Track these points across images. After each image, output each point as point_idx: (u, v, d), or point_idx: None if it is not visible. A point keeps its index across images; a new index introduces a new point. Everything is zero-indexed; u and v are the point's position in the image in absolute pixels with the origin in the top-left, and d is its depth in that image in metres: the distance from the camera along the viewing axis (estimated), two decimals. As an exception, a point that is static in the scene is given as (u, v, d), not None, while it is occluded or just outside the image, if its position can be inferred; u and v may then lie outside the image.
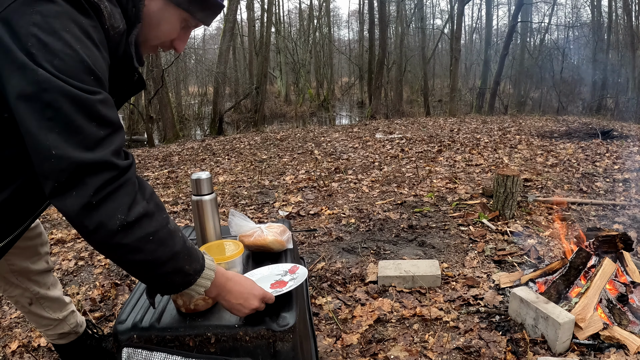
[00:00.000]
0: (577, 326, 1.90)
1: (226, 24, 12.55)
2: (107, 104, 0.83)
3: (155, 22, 0.97)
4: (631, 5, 16.15)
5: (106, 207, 0.79)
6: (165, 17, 0.96)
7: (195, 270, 0.94)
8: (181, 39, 1.04)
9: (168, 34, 1.00)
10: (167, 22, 0.97)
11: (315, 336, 1.60)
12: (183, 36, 1.04)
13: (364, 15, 22.84)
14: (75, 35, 0.79)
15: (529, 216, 3.52)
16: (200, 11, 0.98)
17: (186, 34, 1.05)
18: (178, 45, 1.04)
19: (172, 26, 0.98)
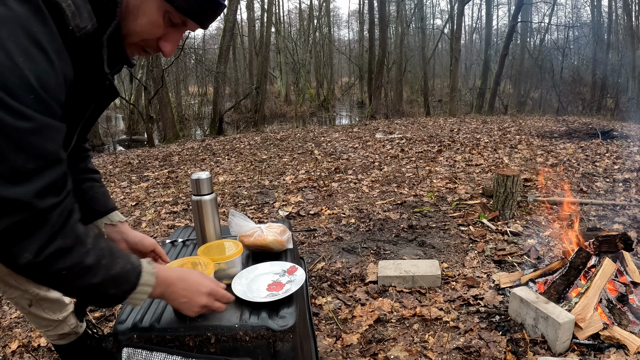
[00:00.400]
0: (577, 326, 1.90)
1: (226, 24, 12.55)
2: (43, 132, 0.72)
3: (134, 14, 0.85)
4: (631, 5, 16.15)
5: (13, 246, 0.73)
6: (143, 8, 0.84)
7: (125, 291, 0.90)
8: (168, 39, 0.90)
9: (148, 29, 0.87)
10: (145, 13, 0.84)
11: (315, 336, 1.61)
12: (170, 36, 0.90)
13: (364, 15, 22.85)
14: (22, 46, 0.69)
15: (529, 216, 3.52)
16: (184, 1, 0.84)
17: (175, 35, 0.91)
18: (164, 46, 0.90)
19: (151, 19, 0.85)
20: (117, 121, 18.36)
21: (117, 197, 4.84)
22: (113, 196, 4.87)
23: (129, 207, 4.38)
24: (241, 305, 1.16)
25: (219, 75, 12.71)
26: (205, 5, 0.87)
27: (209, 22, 0.91)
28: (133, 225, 3.80)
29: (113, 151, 11.08)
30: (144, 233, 3.60)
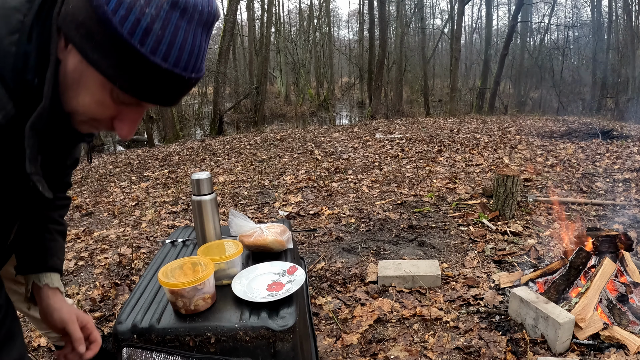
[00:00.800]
0: (577, 326, 1.90)
1: (226, 24, 12.55)
2: None
3: (74, 89, 0.67)
4: (631, 5, 16.15)
5: None
6: (84, 83, 0.66)
7: None
8: (123, 118, 0.71)
9: (93, 109, 0.68)
10: (88, 90, 0.66)
11: (315, 336, 1.60)
12: (126, 115, 0.71)
13: (364, 15, 22.84)
14: None
15: (529, 216, 3.52)
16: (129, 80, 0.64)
17: (131, 114, 0.71)
18: (119, 128, 0.72)
19: (94, 97, 0.67)
20: (117, 121, 18.33)
21: (117, 197, 4.84)
22: (113, 196, 4.87)
23: (129, 207, 4.38)
24: (241, 305, 1.16)
25: (219, 75, 12.71)
26: (160, 83, 0.66)
27: (172, 100, 0.70)
28: (133, 225, 3.81)
29: (113, 151, 11.09)
30: (144, 233, 3.61)
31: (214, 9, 0.68)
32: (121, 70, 0.63)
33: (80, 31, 0.62)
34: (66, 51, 0.66)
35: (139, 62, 0.62)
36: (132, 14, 0.60)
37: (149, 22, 0.61)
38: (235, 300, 1.18)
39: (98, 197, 4.89)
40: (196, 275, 1.12)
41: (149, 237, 3.48)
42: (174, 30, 0.63)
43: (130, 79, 0.64)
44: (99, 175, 6.17)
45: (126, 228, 3.74)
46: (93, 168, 6.80)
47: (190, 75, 0.67)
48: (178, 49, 0.64)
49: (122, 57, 0.62)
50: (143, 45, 0.61)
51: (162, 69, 0.64)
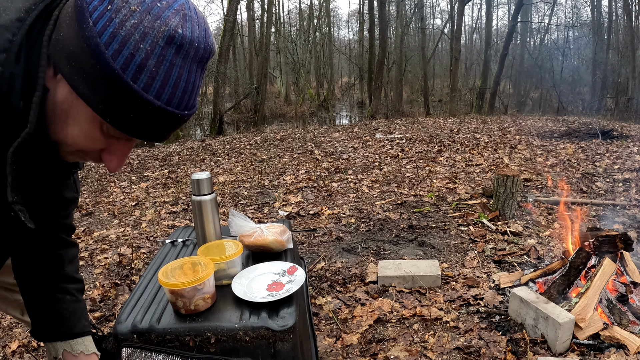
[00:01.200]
0: (577, 326, 1.90)
1: (226, 24, 12.56)
2: None
3: (62, 120, 0.64)
4: (631, 5, 16.15)
5: None
6: (73, 115, 0.63)
7: None
8: (112, 151, 0.69)
9: (82, 141, 0.66)
10: (77, 122, 0.63)
11: (315, 336, 1.60)
12: (115, 149, 0.69)
13: (364, 15, 22.83)
14: None
15: (529, 216, 3.52)
16: (120, 116, 0.61)
17: (120, 147, 0.69)
18: (108, 160, 0.69)
19: (84, 130, 0.64)
20: (117, 121, 18.32)
21: (117, 197, 4.84)
22: (113, 196, 4.87)
23: (129, 207, 4.38)
24: (241, 305, 1.16)
25: (219, 75, 12.71)
26: (152, 120, 0.63)
27: (163, 136, 0.68)
28: (133, 225, 3.81)
29: (113, 151, 11.07)
30: (144, 233, 3.61)
31: (210, 44, 0.64)
32: (112, 106, 0.60)
33: (70, 62, 0.59)
34: (55, 80, 0.62)
35: (131, 98, 0.59)
36: (126, 49, 0.57)
37: (143, 58, 0.58)
38: (235, 300, 1.18)
39: (98, 197, 4.89)
40: (196, 275, 1.12)
41: (149, 237, 3.48)
42: (168, 67, 0.60)
43: (121, 116, 0.61)
44: (99, 175, 6.17)
45: (126, 228, 3.74)
46: (93, 168, 6.80)
47: (183, 113, 0.65)
48: (172, 86, 0.62)
49: (113, 92, 0.59)
50: (136, 81, 0.59)
51: (154, 106, 0.61)
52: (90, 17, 0.58)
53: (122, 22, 0.58)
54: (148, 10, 0.59)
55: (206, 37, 0.64)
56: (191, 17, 0.62)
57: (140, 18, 0.58)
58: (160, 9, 0.60)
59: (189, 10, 0.62)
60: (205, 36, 0.64)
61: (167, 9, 0.60)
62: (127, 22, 0.58)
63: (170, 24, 0.60)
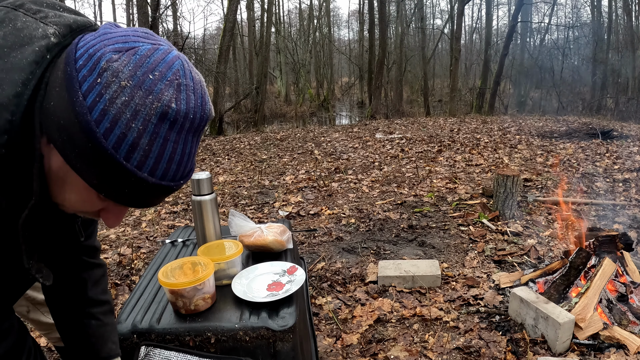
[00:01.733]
0: (577, 326, 1.90)
1: (226, 24, 12.56)
2: None
3: (60, 186, 0.64)
4: (631, 5, 16.15)
5: None
6: (69, 182, 0.63)
7: None
8: (110, 211, 0.69)
9: (80, 206, 0.67)
10: (73, 189, 0.64)
11: (315, 336, 1.61)
12: (112, 209, 0.69)
13: (364, 15, 22.83)
14: None
15: (529, 216, 3.52)
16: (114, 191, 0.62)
17: (117, 207, 0.69)
18: (107, 219, 0.70)
19: (81, 197, 0.65)
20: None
21: (117, 197, 4.84)
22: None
23: (129, 207, 4.38)
24: (241, 305, 1.16)
25: (219, 75, 12.71)
26: (146, 193, 0.63)
27: (157, 203, 0.69)
28: (133, 225, 3.81)
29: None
30: (143, 233, 3.61)
31: (207, 112, 0.62)
32: (105, 182, 0.60)
33: (62, 135, 0.57)
34: (49, 147, 0.61)
35: (125, 176, 0.58)
36: (118, 128, 0.55)
37: (135, 137, 0.56)
38: (235, 300, 1.18)
39: (98, 197, 4.89)
40: (196, 275, 1.12)
41: (149, 237, 3.48)
42: (162, 143, 0.58)
43: (115, 191, 0.61)
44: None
45: (126, 228, 3.74)
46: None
47: (178, 184, 0.64)
48: (166, 161, 0.60)
49: (106, 170, 0.58)
50: (129, 160, 0.57)
51: (149, 183, 0.60)
52: (80, 88, 0.56)
53: (113, 99, 0.55)
54: (139, 85, 0.56)
55: (202, 104, 0.61)
56: (186, 86, 0.59)
57: (131, 95, 0.56)
58: (153, 82, 0.57)
59: (183, 78, 0.59)
60: (202, 104, 0.61)
61: (160, 81, 0.57)
62: (117, 99, 0.55)
63: (163, 99, 0.57)
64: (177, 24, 19.48)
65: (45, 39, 0.60)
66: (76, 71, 0.56)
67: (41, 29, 0.61)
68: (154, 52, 0.59)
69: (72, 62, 0.57)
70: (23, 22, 0.61)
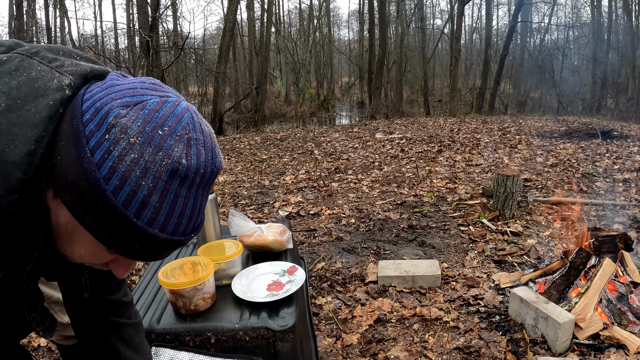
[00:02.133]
0: (577, 326, 1.90)
1: (226, 24, 12.56)
2: None
3: (68, 241, 0.64)
4: (631, 5, 16.15)
5: None
6: (78, 237, 0.63)
7: None
8: (119, 262, 0.69)
9: (89, 259, 0.66)
10: (82, 243, 0.63)
11: (315, 336, 1.61)
12: (121, 261, 0.69)
13: (364, 15, 22.83)
14: None
15: (529, 216, 3.52)
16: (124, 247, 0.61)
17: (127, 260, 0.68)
18: (115, 270, 0.70)
19: (89, 251, 0.64)
20: (117, 121, 18.32)
21: (117, 197, 4.85)
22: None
23: (129, 207, 4.39)
24: (241, 305, 1.16)
25: (219, 75, 12.71)
26: (156, 249, 0.63)
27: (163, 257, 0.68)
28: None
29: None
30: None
31: (217, 164, 0.61)
32: (115, 238, 0.59)
33: (70, 191, 0.56)
34: (55, 201, 0.60)
35: (135, 233, 0.58)
36: (127, 185, 0.55)
37: (145, 195, 0.56)
38: (235, 300, 1.18)
39: (98, 197, 4.89)
40: (196, 275, 1.12)
41: (149, 237, 3.48)
42: (172, 199, 0.58)
43: (125, 246, 0.60)
44: (99, 175, 6.17)
45: (126, 228, 3.74)
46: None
47: (188, 237, 0.64)
48: (177, 217, 0.59)
49: (116, 226, 0.57)
50: (139, 217, 0.57)
51: (159, 239, 0.59)
52: (87, 144, 0.54)
53: (122, 157, 0.54)
54: (149, 142, 0.55)
55: (213, 158, 0.60)
56: (197, 140, 0.58)
57: (140, 152, 0.55)
58: (162, 138, 0.56)
59: (193, 132, 0.58)
60: (212, 157, 0.60)
61: (170, 137, 0.56)
62: (126, 156, 0.54)
63: (173, 155, 0.56)
64: (177, 24, 19.49)
65: (60, 92, 0.58)
66: (83, 125, 0.55)
67: (56, 79, 0.59)
68: (163, 106, 0.58)
69: (78, 115, 0.56)
70: (38, 72, 0.59)
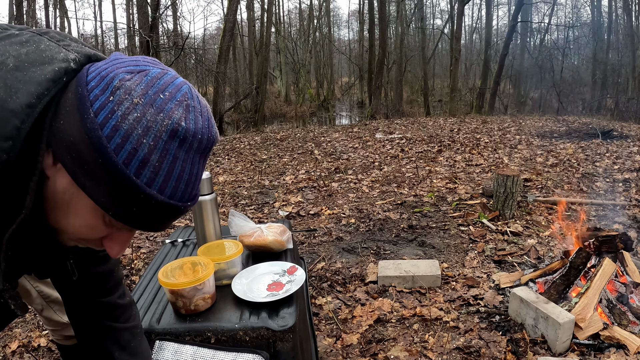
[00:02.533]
0: (577, 326, 1.90)
1: (226, 24, 12.56)
2: None
3: (64, 210, 0.63)
4: (631, 5, 16.15)
5: None
6: (74, 206, 0.62)
7: None
8: (114, 239, 0.68)
9: (84, 231, 0.65)
10: (78, 213, 0.63)
11: (315, 336, 1.61)
12: (117, 236, 0.68)
13: (364, 15, 22.83)
14: None
15: (529, 216, 3.52)
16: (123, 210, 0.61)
17: (122, 235, 0.69)
18: (110, 247, 0.69)
19: (85, 221, 0.64)
20: (117, 121, 18.35)
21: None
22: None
23: (129, 207, 4.39)
24: (241, 305, 1.16)
25: (219, 75, 12.72)
26: (154, 213, 0.63)
27: (164, 227, 0.68)
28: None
29: (113, 151, 11.07)
30: (143, 233, 3.62)
31: (213, 135, 0.63)
32: (115, 200, 0.60)
33: (71, 153, 0.58)
34: (55, 169, 0.60)
35: (134, 193, 0.59)
36: (129, 143, 0.56)
37: (146, 153, 0.57)
38: (235, 300, 1.18)
39: (98, 197, 4.89)
40: (196, 275, 1.12)
41: (149, 237, 3.48)
42: (172, 160, 0.59)
43: (123, 209, 0.61)
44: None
45: (126, 228, 3.74)
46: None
47: (185, 205, 0.65)
48: (175, 180, 0.61)
49: (116, 186, 0.58)
50: (139, 177, 0.58)
51: (157, 201, 0.60)
52: (91, 107, 0.56)
53: (125, 115, 0.56)
54: (151, 103, 0.57)
55: (209, 127, 0.63)
56: (194, 108, 0.61)
57: (142, 111, 0.57)
58: (163, 101, 0.58)
59: (191, 100, 0.61)
60: (209, 126, 0.62)
61: (170, 101, 0.59)
62: (129, 115, 0.56)
63: (173, 117, 0.58)
64: (177, 24, 19.50)
65: (65, 62, 0.61)
66: (87, 91, 0.57)
67: (63, 53, 0.62)
68: (164, 75, 0.61)
69: (83, 83, 0.58)
70: (46, 45, 0.62)
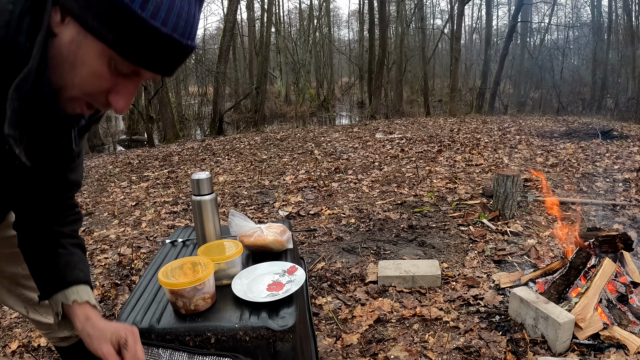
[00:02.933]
0: (577, 326, 1.90)
1: (226, 24, 12.56)
2: None
3: (70, 62, 0.66)
4: (631, 5, 16.15)
5: None
6: (81, 54, 0.65)
7: None
8: (119, 91, 0.70)
9: (91, 81, 0.68)
10: (85, 61, 0.65)
11: (315, 336, 1.61)
12: (122, 88, 0.70)
13: (364, 15, 22.82)
14: None
15: (529, 216, 3.52)
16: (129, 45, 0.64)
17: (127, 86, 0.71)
18: (115, 101, 0.71)
19: (92, 69, 0.66)
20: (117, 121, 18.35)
21: (117, 197, 4.84)
22: (113, 196, 4.87)
23: (129, 207, 4.38)
24: (241, 305, 1.16)
25: (219, 75, 12.72)
26: (159, 48, 0.66)
27: (170, 68, 0.71)
28: (133, 225, 3.81)
29: (113, 151, 11.09)
30: (143, 233, 3.61)
31: None
32: (121, 36, 0.63)
33: (79, 1, 0.62)
34: (62, 25, 0.65)
35: (140, 27, 0.63)
36: None
37: None
38: (235, 300, 1.18)
39: (98, 197, 4.89)
40: (196, 275, 1.12)
41: (149, 237, 3.48)
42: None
43: (130, 44, 0.64)
44: (99, 175, 6.17)
45: (126, 228, 3.74)
46: (93, 168, 6.81)
47: (187, 42, 0.68)
48: (176, 15, 0.65)
49: (122, 22, 0.62)
50: (144, 10, 0.62)
51: (161, 33, 0.64)
52: None
53: None
54: None
55: None
56: None
57: None
58: None
59: None
60: None
61: None
62: None
63: None
64: (177, 24, 19.44)
65: None
66: None
67: None
68: None
69: None
70: None
